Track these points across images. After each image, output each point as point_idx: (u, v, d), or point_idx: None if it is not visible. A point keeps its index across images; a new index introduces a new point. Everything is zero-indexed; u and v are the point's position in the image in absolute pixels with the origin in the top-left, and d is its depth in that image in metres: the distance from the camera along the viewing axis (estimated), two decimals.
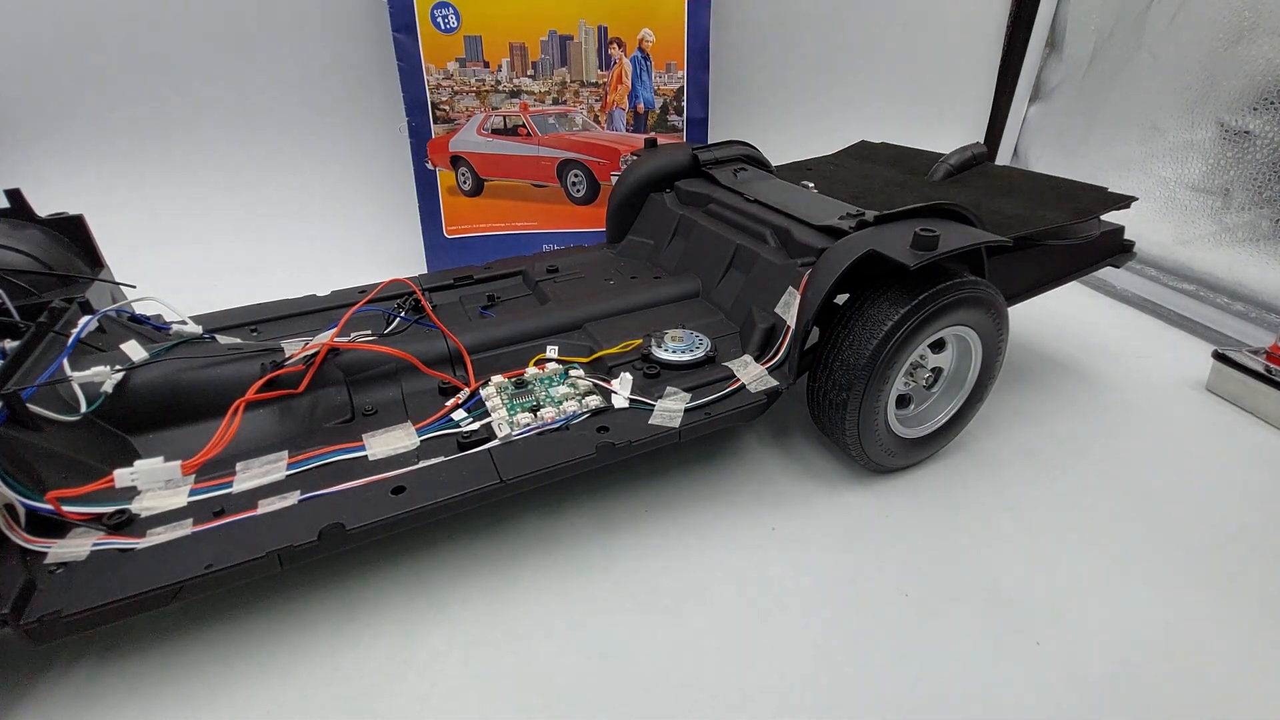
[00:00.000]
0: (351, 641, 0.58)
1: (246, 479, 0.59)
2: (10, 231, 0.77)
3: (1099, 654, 0.57)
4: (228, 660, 0.57)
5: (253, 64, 1.22)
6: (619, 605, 0.62)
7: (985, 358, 0.76)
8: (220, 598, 0.63)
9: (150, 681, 0.55)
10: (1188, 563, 0.67)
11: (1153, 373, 1.00)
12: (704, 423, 0.67)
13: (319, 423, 0.68)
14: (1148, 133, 1.25)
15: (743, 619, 0.60)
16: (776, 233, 0.82)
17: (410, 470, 0.60)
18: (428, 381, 0.73)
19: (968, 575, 0.65)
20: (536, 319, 0.81)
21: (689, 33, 1.22)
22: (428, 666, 0.56)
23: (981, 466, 0.80)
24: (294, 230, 1.29)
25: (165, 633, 0.60)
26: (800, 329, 0.70)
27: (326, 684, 0.54)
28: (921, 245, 0.64)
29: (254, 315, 0.84)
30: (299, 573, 0.65)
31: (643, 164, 1.04)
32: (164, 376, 0.64)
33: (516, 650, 0.57)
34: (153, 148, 1.24)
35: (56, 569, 0.51)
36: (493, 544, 0.68)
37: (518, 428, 0.65)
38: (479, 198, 1.27)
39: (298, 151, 1.29)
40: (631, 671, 0.56)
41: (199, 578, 0.50)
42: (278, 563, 0.53)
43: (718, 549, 0.68)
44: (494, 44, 1.18)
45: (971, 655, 0.57)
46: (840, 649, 0.58)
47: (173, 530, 0.54)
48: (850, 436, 0.71)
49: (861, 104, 1.52)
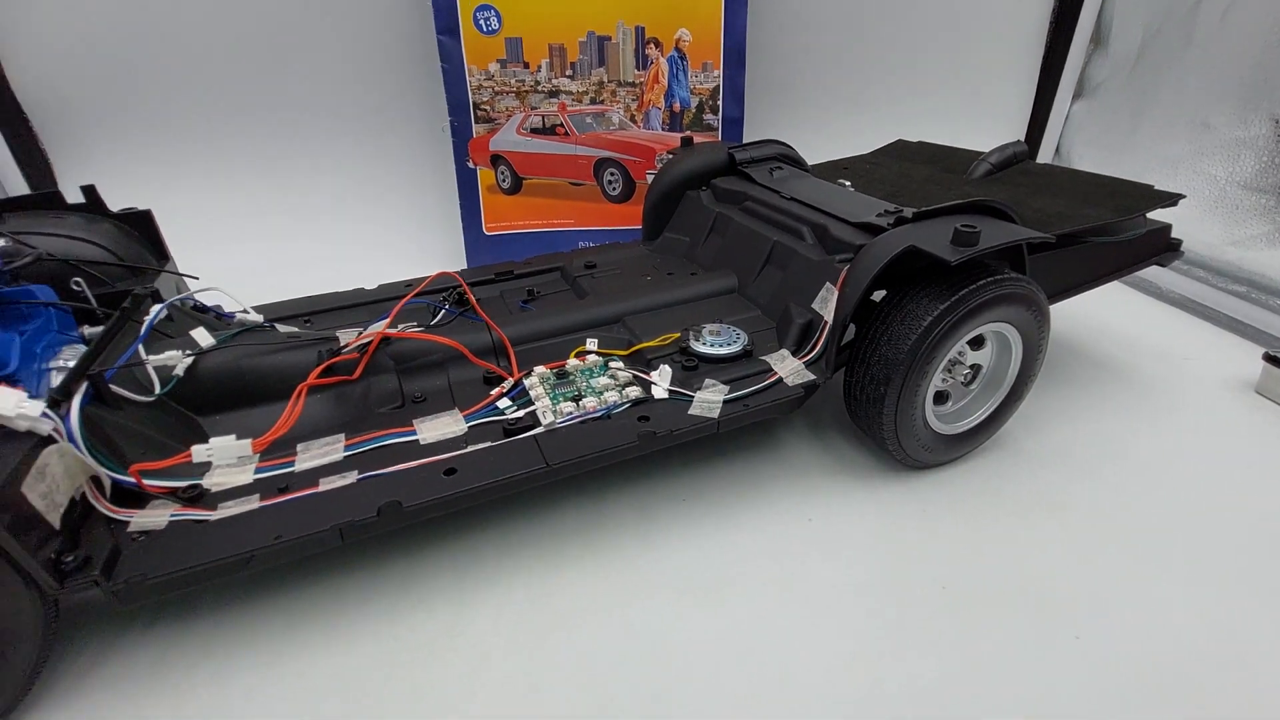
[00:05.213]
0: (407, 614, 0.61)
1: (307, 459, 0.63)
2: (85, 225, 0.81)
3: (1139, 648, 0.57)
4: (294, 627, 0.60)
5: (302, 68, 1.27)
6: (658, 589, 0.63)
7: (1025, 355, 0.76)
8: (284, 570, 0.66)
9: (222, 644, 0.59)
10: (1232, 564, 0.66)
11: (1199, 374, 0.98)
12: (742, 414, 0.68)
13: (371, 408, 0.71)
14: (1197, 130, 1.22)
15: (780, 604, 0.62)
16: (814, 230, 0.83)
17: (460, 454, 0.63)
18: (473, 371, 0.75)
19: (1006, 570, 0.65)
20: (576, 313, 0.83)
21: (725, 32, 1.23)
22: (478, 641, 0.58)
23: (1020, 465, 0.80)
24: (340, 227, 1.34)
25: (235, 601, 0.63)
26: (838, 324, 0.71)
27: (386, 652, 0.58)
28: (962, 241, 0.65)
29: (306, 307, 0.88)
30: (357, 548, 0.69)
31: (679, 162, 1.05)
32: (229, 361, 0.68)
33: (560, 628, 0.60)
34: (210, 148, 1.30)
35: (139, 537, 0.54)
36: (537, 528, 0.71)
37: (561, 416, 0.67)
38: (517, 195, 1.30)
39: (345, 152, 1.34)
40: (670, 653, 0.58)
41: (269, 548, 0.53)
42: (339, 537, 0.56)
43: (755, 538, 0.69)
44: (534, 45, 1.21)
45: (1010, 646, 0.58)
46: (878, 637, 0.59)
47: (241, 504, 0.57)
48: (888, 431, 0.72)
49: (898, 103, 1.51)
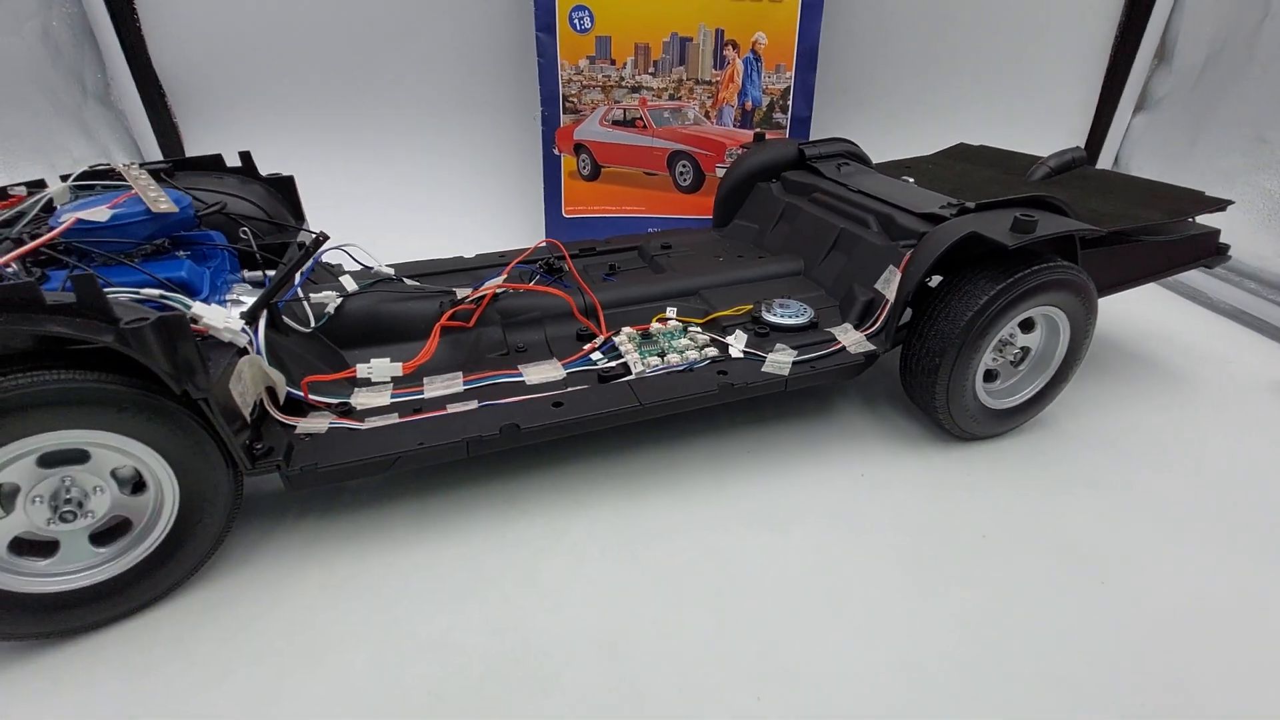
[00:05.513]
0: (513, 521, 0.72)
1: (434, 389, 0.74)
2: (240, 186, 0.94)
3: (1159, 598, 0.64)
4: (420, 524, 0.71)
5: (411, 58, 1.41)
6: (727, 518, 0.73)
7: (1073, 340, 0.83)
8: (408, 481, 0.77)
9: (360, 535, 0.70)
10: (1253, 537, 0.72)
11: (1242, 376, 1.02)
12: (809, 375, 0.77)
13: (482, 354, 0.82)
14: (1254, 144, 1.25)
15: (835, 537, 0.70)
16: (879, 219, 0.91)
17: (564, 392, 0.73)
18: (567, 328, 0.85)
19: (1043, 526, 0.72)
20: (656, 284, 0.92)
21: (800, 37, 1.31)
22: (573, 547, 0.68)
23: (1061, 444, 0.86)
24: (437, 202, 1.48)
25: (368, 505, 0.75)
26: (900, 301, 0.79)
27: (495, 549, 0.68)
28: (1020, 229, 0.72)
29: (416, 270, 0.99)
30: (470, 468, 0.79)
31: (752, 156, 1.14)
32: (369, 305, 0.80)
33: (642, 542, 0.69)
34: (320, 128, 1.45)
35: (305, 439, 0.66)
36: (621, 467, 0.80)
37: (649, 367, 0.77)
38: (595, 182, 1.41)
39: (446, 136, 1.48)
40: (739, 571, 0.67)
41: (411, 451, 0.64)
42: (465, 449, 0.66)
43: (813, 485, 0.78)
44: (621, 44, 1.31)
45: (1042, 586, 0.65)
46: (922, 570, 0.67)
47: (384, 419, 0.69)
48: (940, 400, 0.79)
49: (962, 109, 1.57)
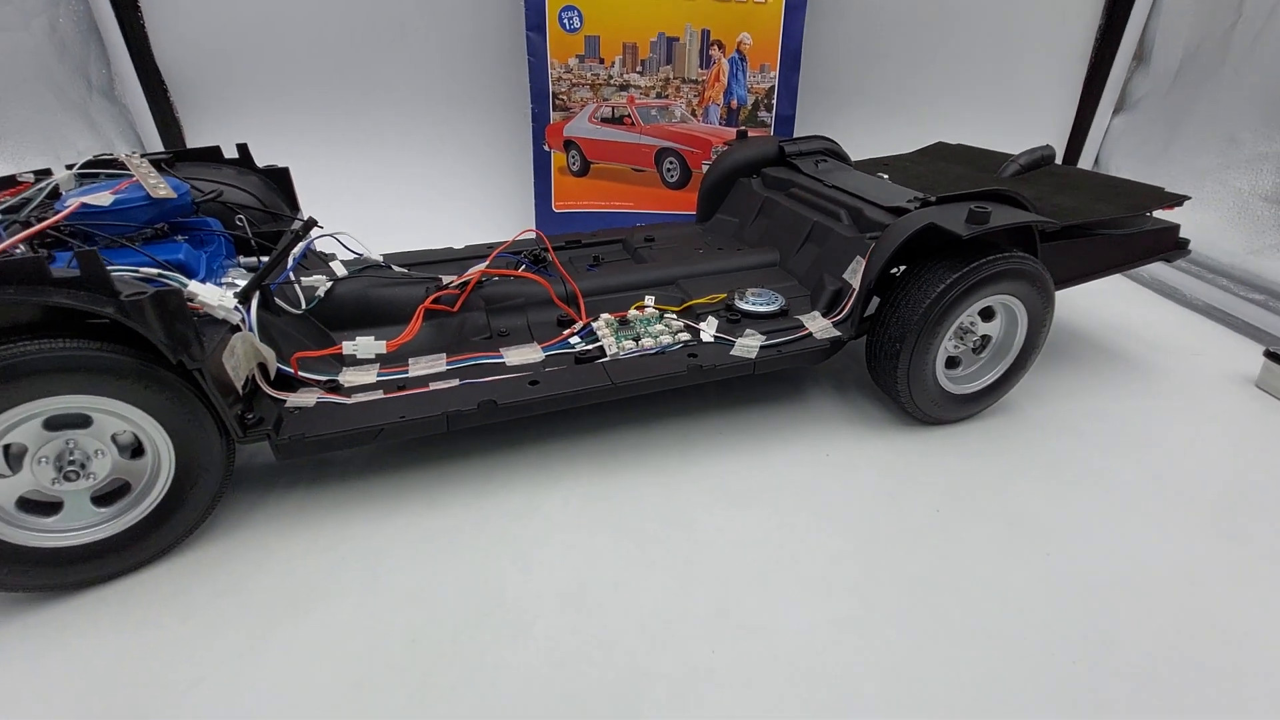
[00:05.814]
0: (491, 494, 0.75)
1: (418, 368, 0.78)
2: (237, 176, 0.98)
3: (1102, 565, 0.68)
4: (401, 496, 0.75)
5: (403, 55, 1.46)
6: (695, 493, 0.76)
7: (1030, 328, 0.86)
8: (394, 455, 0.81)
9: (347, 504, 0.74)
10: (1200, 517, 0.75)
11: (1205, 368, 1.06)
12: (775, 359, 0.80)
13: (465, 337, 0.85)
14: (1225, 144, 1.29)
15: (796, 509, 0.74)
16: (850, 212, 0.95)
17: (541, 372, 0.77)
18: (548, 314, 0.89)
19: (993, 502, 0.76)
20: (636, 274, 0.96)
21: (784, 38, 1.35)
22: (548, 515, 0.72)
23: (1022, 429, 0.90)
24: (427, 197, 1.52)
25: (355, 476, 0.79)
26: (864, 289, 0.83)
27: (474, 517, 0.72)
28: (975, 220, 0.76)
29: (406, 259, 1.03)
30: (450, 443, 0.83)
31: (734, 152, 1.17)
32: (358, 289, 0.84)
33: (614, 513, 0.73)
34: (314, 123, 1.49)
35: (294, 411, 0.70)
36: (595, 444, 0.84)
37: (624, 350, 0.80)
38: (585, 178, 1.45)
39: (437, 131, 1.52)
40: (702, 538, 0.70)
41: (394, 424, 0.68)
42: (445, 423, 0.70)
43: (779, 464, 0.81)
44: (609, 43, 1.35)
45: (988, 554, 0.69)
46: (876, 539, 0.71)
47: (369, 395, 0.73)
48: (901, 385, 0.83)
49: (944, 109, 1.60)
